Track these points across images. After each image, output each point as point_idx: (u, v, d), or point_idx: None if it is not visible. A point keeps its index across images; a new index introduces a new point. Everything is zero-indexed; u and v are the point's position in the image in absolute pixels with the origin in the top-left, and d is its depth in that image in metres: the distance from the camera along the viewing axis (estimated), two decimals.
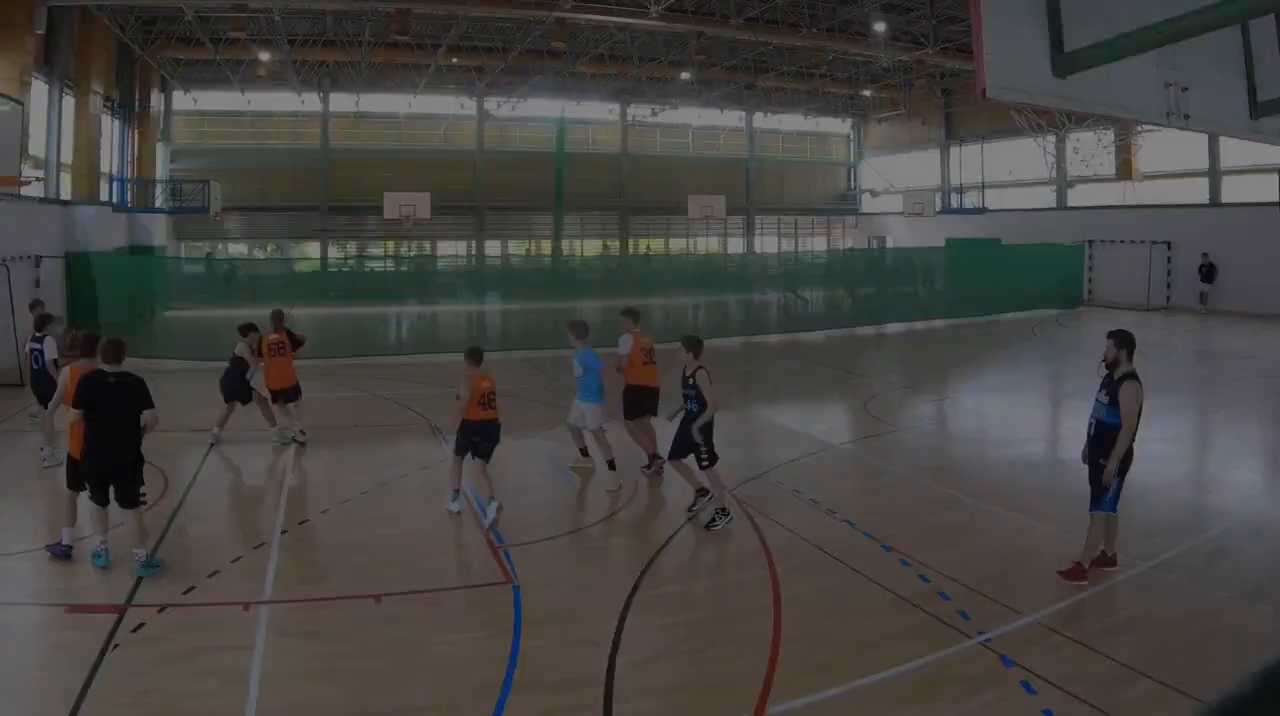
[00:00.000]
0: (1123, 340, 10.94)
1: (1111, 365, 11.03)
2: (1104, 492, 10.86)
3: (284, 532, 13.01)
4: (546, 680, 8.76)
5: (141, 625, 9.74)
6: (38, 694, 8.42)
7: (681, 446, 13.55)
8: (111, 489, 11.37)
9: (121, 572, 11.17)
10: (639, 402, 16.06)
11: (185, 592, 10.64)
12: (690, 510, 13.85)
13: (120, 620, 9.84)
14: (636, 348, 15.97)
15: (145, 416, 11.41)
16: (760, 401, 22.66)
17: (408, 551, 12.46)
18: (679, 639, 9.71)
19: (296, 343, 18.72)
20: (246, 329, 18.26)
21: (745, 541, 12.68)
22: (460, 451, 14.11)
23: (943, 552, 11.97)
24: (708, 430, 13.29)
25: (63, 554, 11.62)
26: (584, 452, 16.26)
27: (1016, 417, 21.37)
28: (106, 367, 11.50)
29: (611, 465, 15.42)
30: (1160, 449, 17.59)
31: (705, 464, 13.20)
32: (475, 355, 14.33)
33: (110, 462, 11.32)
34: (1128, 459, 10.88)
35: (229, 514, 14.01)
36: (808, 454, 17.49)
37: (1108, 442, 10.81)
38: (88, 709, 8.06)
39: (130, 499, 11.52)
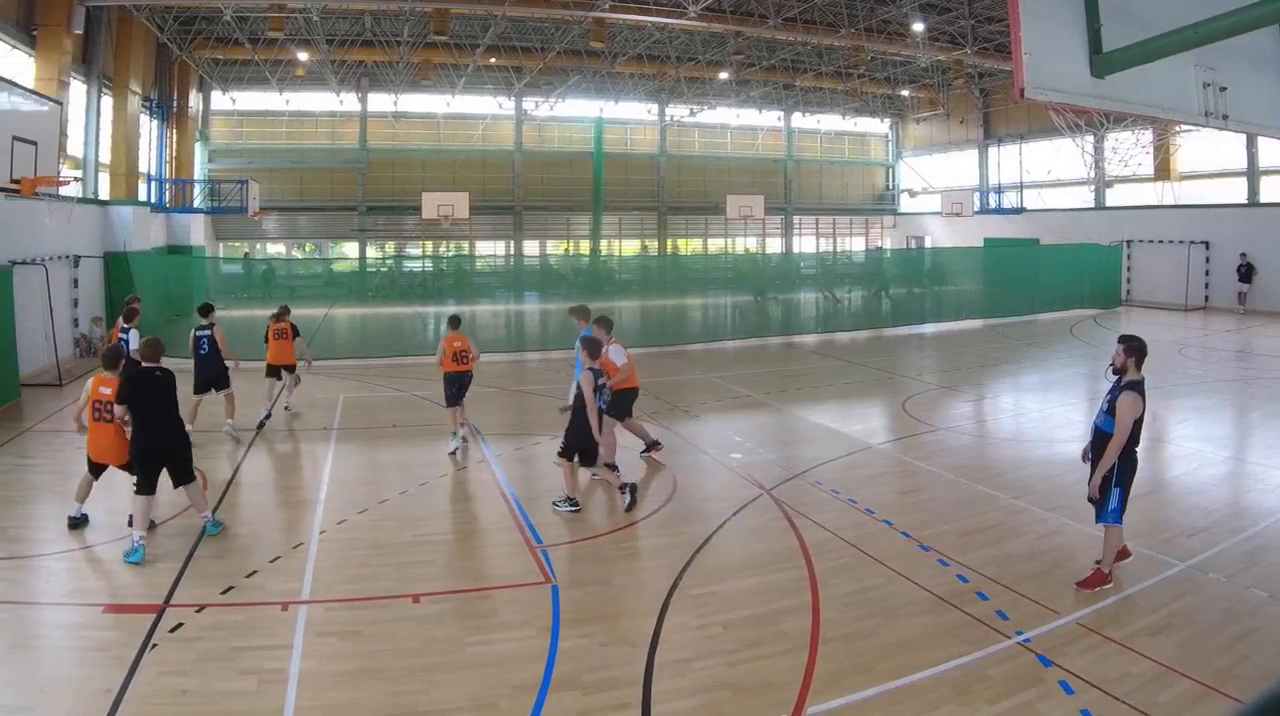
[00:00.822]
0: (1133, 347, 10.69)
1: (1120, 371, 10.83)
2: (1106, 504, 10.73)
3: (322, 532, 13.09)
4: (584, 680, 8.77)
5: (180, 625, 9.82)
6: (77, 693, 8.45)
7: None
8: (167, 472, 12.36)
9: (160, 572, 11.31)
10: (629, 402, 16.81)
11: (223, 592, 10.75)
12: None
13: (159, 620, 9.94)
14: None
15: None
16: (798, 401, 22.62)
17: (446, 551, 12.55)
18: (717, 639, 9.65)
19: (295, 333, 20.96)
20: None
21: (784, 541, 12.67)
22: (450, 402, 17.89)
23: (981, 552, 11.99)
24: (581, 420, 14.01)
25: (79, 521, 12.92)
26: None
27: (1054, 417, 21.20)
28: (148, 366, 12.56)
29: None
30: (1199, 448, 17.60)
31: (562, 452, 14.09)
32: (453, 321, 18.60)
33: (165, 446, 12.33)
34: (1131, 468, 10.74)
35: (267, 514, 14.09)
36: (846, 454, 17.49)
37: (1103, 450, 10.70)
38: (127, 708, 8.14)
39: (186, 475, 12.61)
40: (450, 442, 17.79)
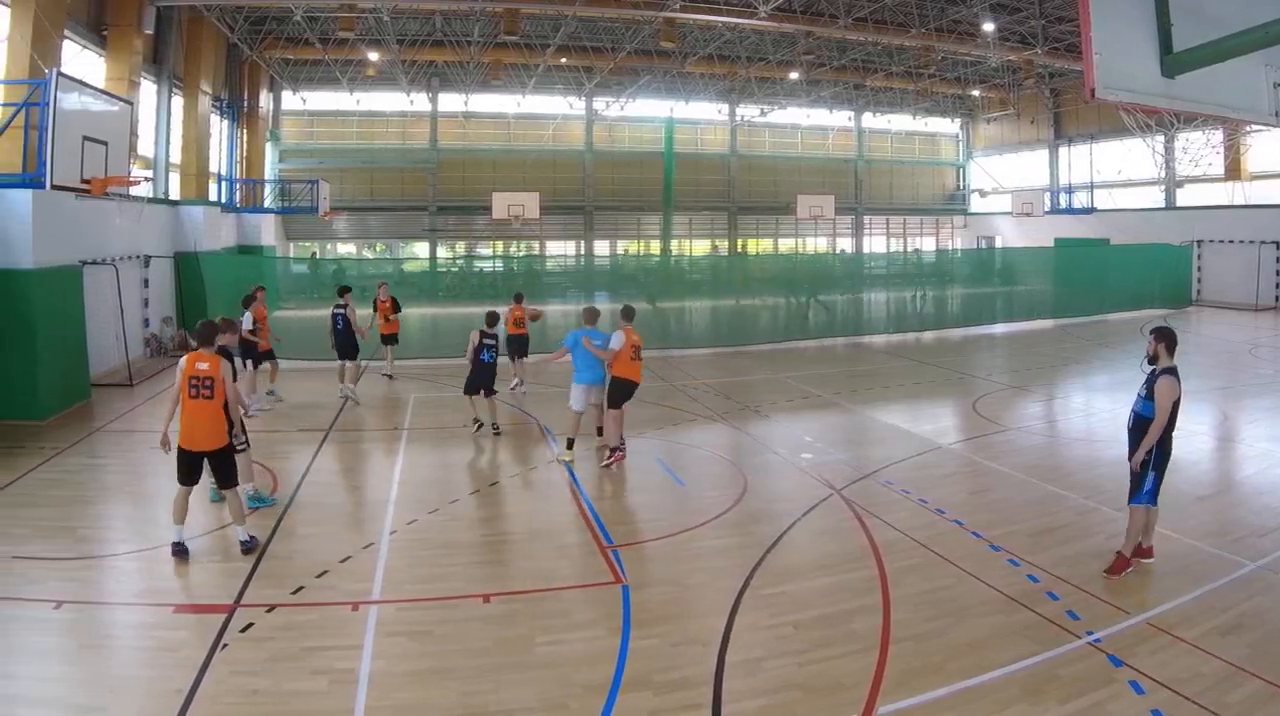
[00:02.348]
0: (1162, 336, 11.14)
1: (1153, 359, 11.18)
2: (1141, 486, 10.96)
3: (393, 532, 13.17)
4: (655, 680, 8.81)
5: (250, 625, 9.93)
6: (148, 693, 8.52)
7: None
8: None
9: (231, 573, 11.43)
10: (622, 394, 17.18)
11: (294, 593, 10.86)
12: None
13: (229, 620, 10.04)
14: (627, 343, 16.97)
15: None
16: (869, 401, 22.55)
17: (516, 551, 12.62)
18: (788, 638, 9.66)
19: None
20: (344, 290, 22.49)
21: (854, 541, 12.69)
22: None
23: (1051, 552, 11.97)
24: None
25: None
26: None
27: (1124, 417, 20.86)
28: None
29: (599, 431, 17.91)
30: (1269, 448, 17.53)
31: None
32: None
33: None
34: (1165, 454, 10.99)
35: (338, 514, 14.14)
36: (916, 454, 17.48)
37: (1143, 434, 10.92)
38: (197, 708, 8.25)
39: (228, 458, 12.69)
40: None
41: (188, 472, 12.10)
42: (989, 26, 43.71)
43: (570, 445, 17.22)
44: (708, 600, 10.78)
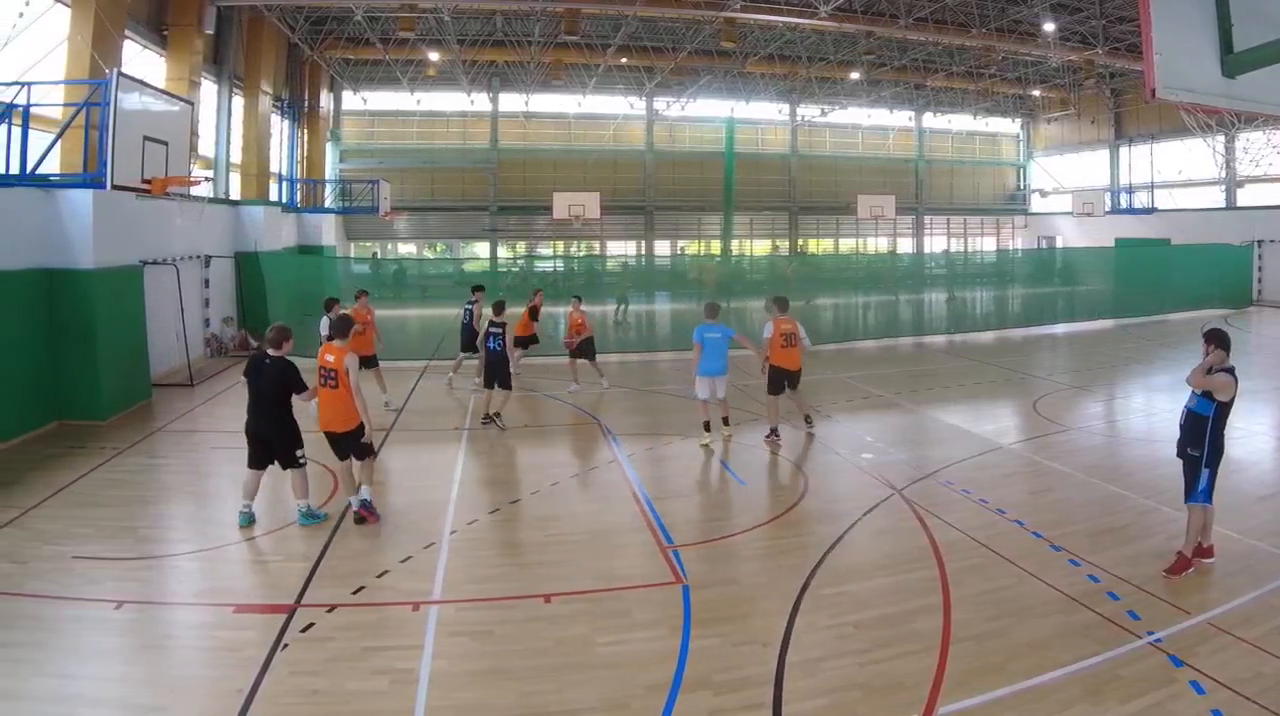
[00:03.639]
0: (1216, 338, 11.23)
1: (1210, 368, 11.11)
2: (1196, 484, 10.97)
3: (453, 532, 13.25)
4: (715, 680, 8.84)
5: (311, 625, 10.03)
6: (209, 693, 8.65)
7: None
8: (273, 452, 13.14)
9: (291, 573, 11.55)
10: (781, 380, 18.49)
11: (354, 592, 10.96)
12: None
13: (290, 620, 10.15)
14: (776, 332, 18.32)
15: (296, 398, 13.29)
16: (929, 401, 22.50)
17: (577, 551, 12.58)
18: (848, 638, 9.69)
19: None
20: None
21: (915, 541, 12.71)
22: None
23: (1112, 552, 11.93)
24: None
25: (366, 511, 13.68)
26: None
27: None
28: (269, 351, 13.16)
29: (726, 422, 18.72)
30: None
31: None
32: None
33: (258, 431, 13.19)
34: (1218, 451, 10.99)
35: (398, 514, 14.07)
36: (977, 454, 17.47)
37: (1198, 432, 10.96)
38: (258, 708, 8.34)
39: (289, 461, 13.21)
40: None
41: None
42: (1049, 26, 43.52)
43: (707, 427, 18.20)
44: (768, 600, 10.78)
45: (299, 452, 13.30)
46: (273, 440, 13.15)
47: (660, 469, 16.96)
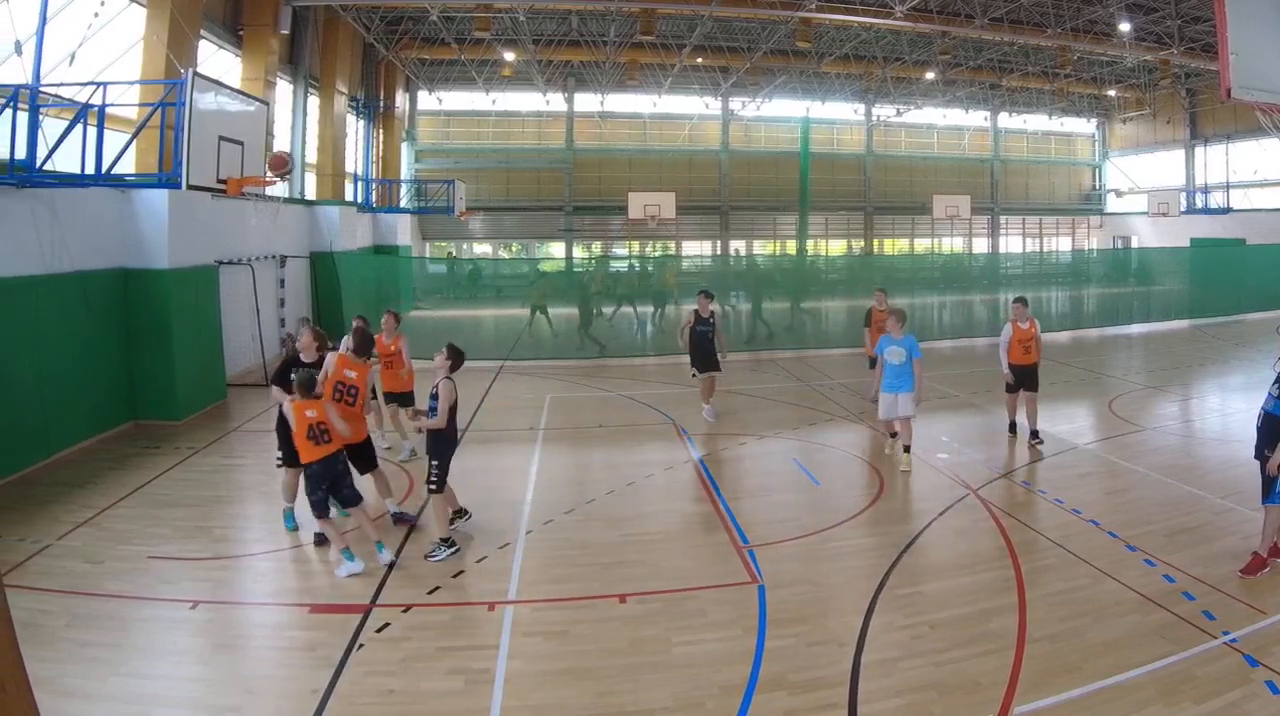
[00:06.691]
0: None
1: None
2: (1274, 485, 10.91)
3: (529, 533, 13.40)
4: (791, 680, 8.92)
5: (386, 625, 10.21)
6: (284, 692, 8.81)
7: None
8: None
9: (366, 573, 11.67)
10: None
11: (430, 593, 11.15)
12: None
13: (365, 620, 10.31)
14: (1014, 338, 18.46)
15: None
16: (1004, 401, 22.55)
17: (652, 551, 12.67)
18: (924, 638, 9.75)
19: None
20: None
21: (990, 541, 12.81)
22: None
23: (1187, 552, 11.95)
24: (441, 448, 12.67)
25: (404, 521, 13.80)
26: (893, 435, 17.49)
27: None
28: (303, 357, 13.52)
29: (907, 449, 16.78)
30: None
31: (432, 486, 12.54)
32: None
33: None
34: None
35: (474, 514, 13.97)
36: (1053, 454, 17.52)
37: (1275, 434, 10.89)
38: (334, 707, 8.51)
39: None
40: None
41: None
42: (1125, 26, 43.10)
43: (908, 449, 16.82)
44: (844, 600, 10.88)
45: (278, 455, 13.58)
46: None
47: (735, 469, 17.09)
